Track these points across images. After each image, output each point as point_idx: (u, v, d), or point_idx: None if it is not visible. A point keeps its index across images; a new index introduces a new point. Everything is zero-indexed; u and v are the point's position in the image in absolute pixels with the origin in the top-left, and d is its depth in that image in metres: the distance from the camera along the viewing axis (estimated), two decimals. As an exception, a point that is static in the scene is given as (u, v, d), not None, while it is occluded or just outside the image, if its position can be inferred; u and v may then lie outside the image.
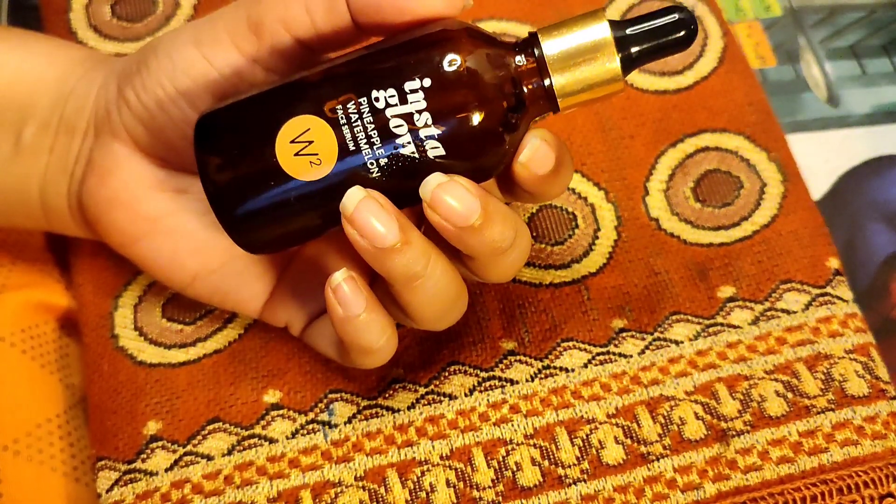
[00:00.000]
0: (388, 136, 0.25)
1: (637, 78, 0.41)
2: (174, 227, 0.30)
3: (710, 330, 0.35)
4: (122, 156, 0.29)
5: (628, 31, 0.25)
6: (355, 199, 0.25)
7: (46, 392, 0.35)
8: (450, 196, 0.25)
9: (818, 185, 0.40)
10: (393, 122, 0.25)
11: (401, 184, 0.25)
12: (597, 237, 0.37)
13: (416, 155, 0.25)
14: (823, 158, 0.41)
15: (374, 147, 0.25)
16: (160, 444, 0.33)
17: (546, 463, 0.32)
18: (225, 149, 0.26)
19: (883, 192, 0.40)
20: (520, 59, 0.26)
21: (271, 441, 0.33)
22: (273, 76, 0.27)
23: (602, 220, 0.38)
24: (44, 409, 0.34)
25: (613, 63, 0.25)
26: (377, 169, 0.25)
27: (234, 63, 0.27)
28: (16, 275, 0.36)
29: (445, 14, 0.25)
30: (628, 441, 0.33)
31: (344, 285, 0.27)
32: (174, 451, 0.33)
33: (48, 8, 0.42)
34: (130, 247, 0.30)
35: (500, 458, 0.33)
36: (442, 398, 0.34)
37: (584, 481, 0.32)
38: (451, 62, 0.24)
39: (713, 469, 0.32)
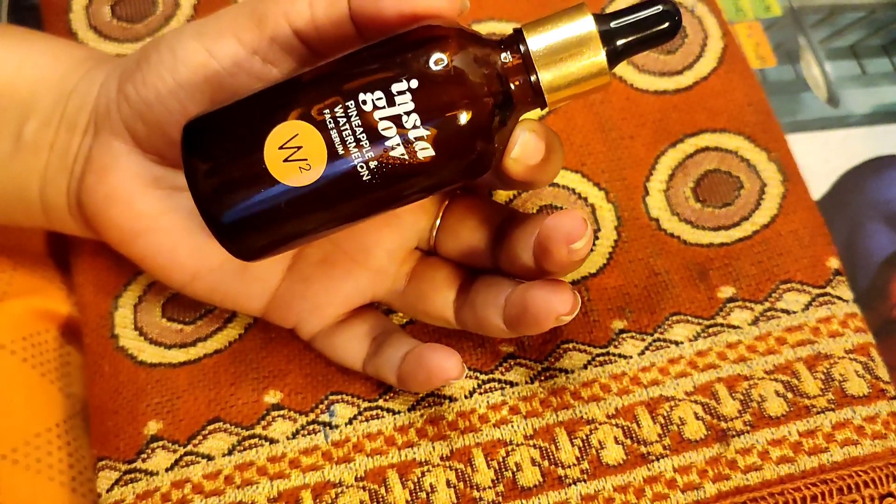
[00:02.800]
0: (376, 138, 0.25)
1: (637, 78, 0.41)
2: (172, 224, 0.30)
3: (710, 330, 0.35)
4: (121, 153, 0.29)
5: (612, 25, 0.25)
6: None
7: (46, 401, 0.34)
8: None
9: (818, 185, 0.40)
10: (381, 125, 0.25)
11: (391, 185, 0.25)
12: (597, 237, 0.37)
13: (406, 157, 0.25)
14: (823, 158, 0.41)
15: (364, 150, 0.25)
16: (160, 444, 0.33)
17: (546, 463, 0.33)
18: (213, 155, 0.26)
19: (883, 192, 0.40)
20: (506, 56, 0.26)
21: (272, 441, 0.33)
22: (270, 69, 0.28)
23: (602, 220, 0.38)
24: (43, 418, 0.34)
25: (599, 57, 0.25)
26: (367, 172, 0.25)
27: (233, 54, 0.27)
28: (17, 281, 0.36)
29: (444, 13, 0.25)
30: (628, 441, 0.33)
31: (458, 381, 0.29)
32: (174, 451, 0.33)
33: (48, 9, 0.42)
34: (129, 244, 0.30)
35: (500, 459, 0.33)
36: (442, 400, 0.34)
37: (584, 481, 0.32)
38: (438, 62, 0.24)
39: (713, 469, 0.32)
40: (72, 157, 0.30)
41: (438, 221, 0.32)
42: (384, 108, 0.24)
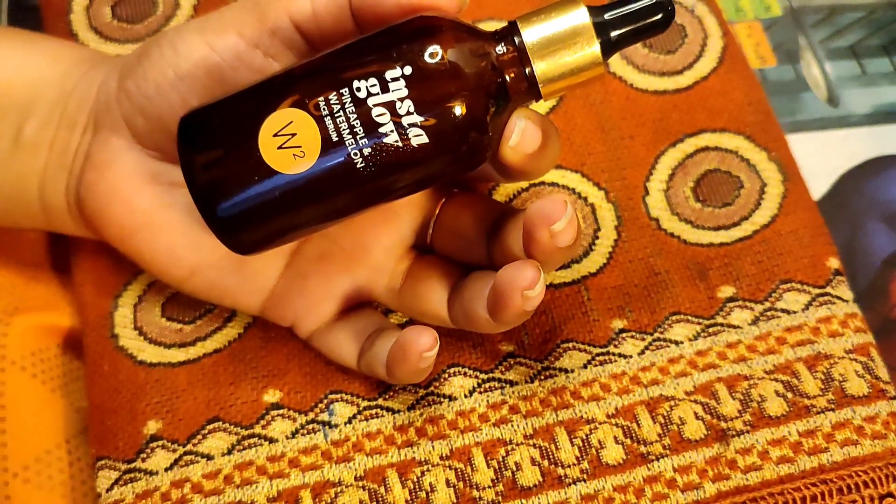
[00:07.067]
0: (370, 125, 0.25)
1: (637, 78, 0.41)
2: (171, 220, 0.30)
3: (710, 330, 0.35)
4: (121, 149, 0.30)
5: (606, 16, 0.26)
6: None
7: (55, 417, 0.34)
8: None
9: (818, 185, 0.40)
10: (375, 111, 0.25)
11: (386, 174, 0.25)
12: (597, 237, 0.37)
13: (400, 143, 0.25)
14: (823, 158, 0.41)
15: (358, 137, 0.25)
16: (160, 443, 0.33)
17: (546, 463, 0.32)
18: (208, 147, 0.26)
19: (883, 192, 0.40)
20: (500, 48, 0.26)
21: (271, 441, 0.33)
22: (271, 63, 0.28)
23: (602, 220, 0.38)
24: (53, 434, 0.34)
25: (593, 48, 0.25)
26: (361, 159, 0.25)
27: (235, 48, 0.27)
28: (28, 296, 0.35)
29: (443, 8, 0.25)
30: (628, 441, 0.33)
31: (430, 354, 0.29)
32: (174, 451, 0.33)
33: (48, 10, 0.42)
34: (127, 240, 0.30)
35: (500, 459, 0.33)
36: (442, 399, 0.34)
37: (584, 481, 0.32)
38: (432, 51, 0.25)
39: (713, 469, 0.32)
40: (71, 156, 0.30)
41: (435, 218, 0.32)
42: (378, 94, 0.24)
